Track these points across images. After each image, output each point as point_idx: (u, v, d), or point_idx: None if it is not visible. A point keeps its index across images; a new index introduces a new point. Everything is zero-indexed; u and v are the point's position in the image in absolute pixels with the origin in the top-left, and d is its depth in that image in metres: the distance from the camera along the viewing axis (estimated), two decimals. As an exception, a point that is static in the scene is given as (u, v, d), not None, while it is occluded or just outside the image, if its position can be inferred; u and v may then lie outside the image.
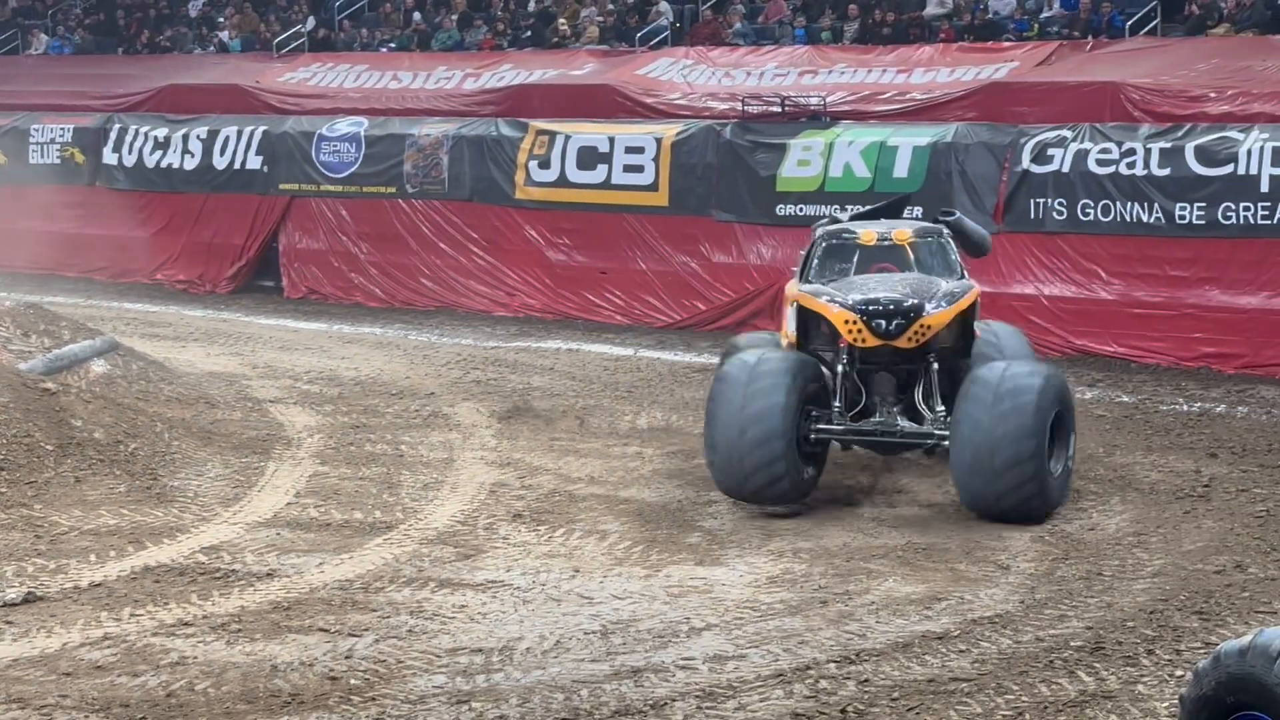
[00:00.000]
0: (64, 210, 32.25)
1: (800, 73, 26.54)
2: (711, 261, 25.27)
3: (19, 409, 16.72)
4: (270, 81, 31.33)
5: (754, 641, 11.60)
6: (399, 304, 28.00)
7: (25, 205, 32.59)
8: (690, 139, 25.54)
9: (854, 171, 24.07)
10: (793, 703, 10.33)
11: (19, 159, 32.93)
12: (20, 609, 12.48)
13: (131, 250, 31.03)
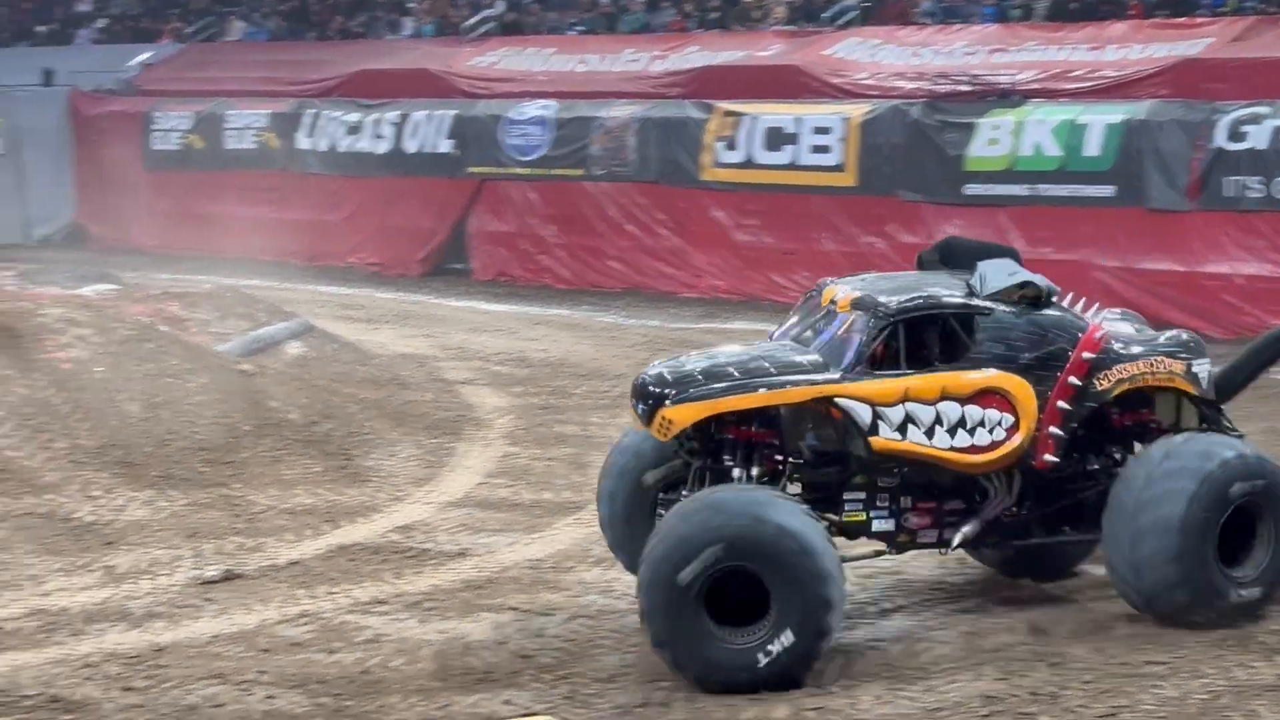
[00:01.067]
0: (259, 195, 32.77)
1: (990, 51, 26.26)
2: (898, 242, 25.08)
3: (218, 390, 17.06)
4: (460, 66, 31.59)
5: (943, 623, 11.55)
6: (586, 286, 28.13)
7: (221, 190, 33.19)
8: (878, 119, 25.38)
9: (1044, 150, 23.79)
10: (983, 684, 10.27)
11: (215, 144, 33.51)
12: (220, 586, 12.75)
13: (324, 234, 31.45)
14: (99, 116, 35.58)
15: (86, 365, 16.75)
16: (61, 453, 15.60)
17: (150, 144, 34.51)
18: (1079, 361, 11.30)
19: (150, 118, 34.57)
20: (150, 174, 34.54)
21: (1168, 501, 10.81)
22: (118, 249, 33.99)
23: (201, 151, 33.72)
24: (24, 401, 16.07)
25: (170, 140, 34.20)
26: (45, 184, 36.11)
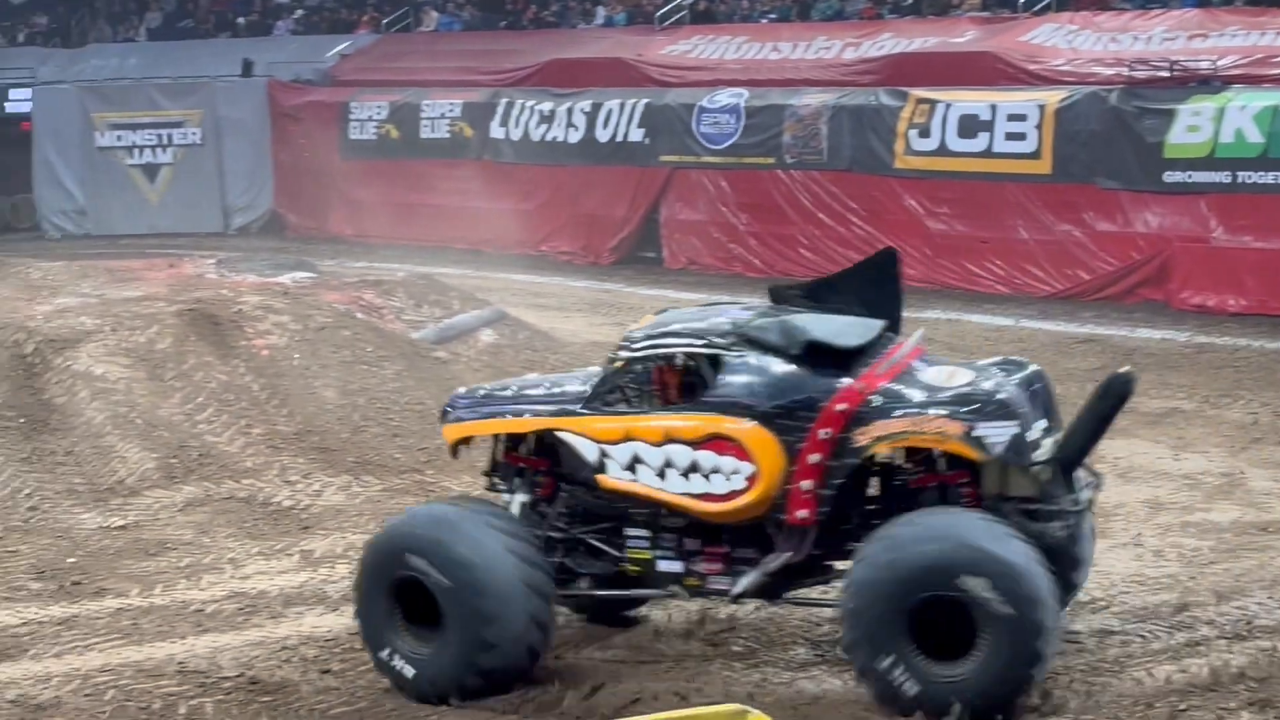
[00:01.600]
0: (453, 184, 33.07)
1: (1189, 36, 25.81)
2: (1095, 230, 24.76)
3: (412, 377, 17.25)
4: (652, 54, 31.66)
5: (1140, 616, 11.38)
6: (777, 274, 28.00)
7: (416, 179, 33.54)
8: (1074, 106, 25.02)
9: (1246, 137, 23.31)
10: (1185, 677, 10.11)
11: (410, 134, 33.87)
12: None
13: (517, 222, 31.64)
14: (297, 107, 36.12)
15: (284, 352, 17.01)
16: (260, 438, 15.86)
17: (347, 134, 34.97)
18: (830, 414, 10.12)
19: (347, 108, 35.03)
20: (346, 163, 34.99)
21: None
22: (314, 237, 34.53)
23: (397, 141, 34.11)
24: (224, 388, 16.36)
25: (366, 130, 34.63)
26: (244, 174, 36.76)
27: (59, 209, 37.35)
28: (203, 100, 36.78)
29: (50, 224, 37.22)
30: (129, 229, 36.19)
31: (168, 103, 36.93)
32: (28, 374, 16.25)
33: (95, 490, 14.98)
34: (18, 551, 13.80)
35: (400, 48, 37.28)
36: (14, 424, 15.68)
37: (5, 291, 20.77)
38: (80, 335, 16.74)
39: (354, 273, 24.65)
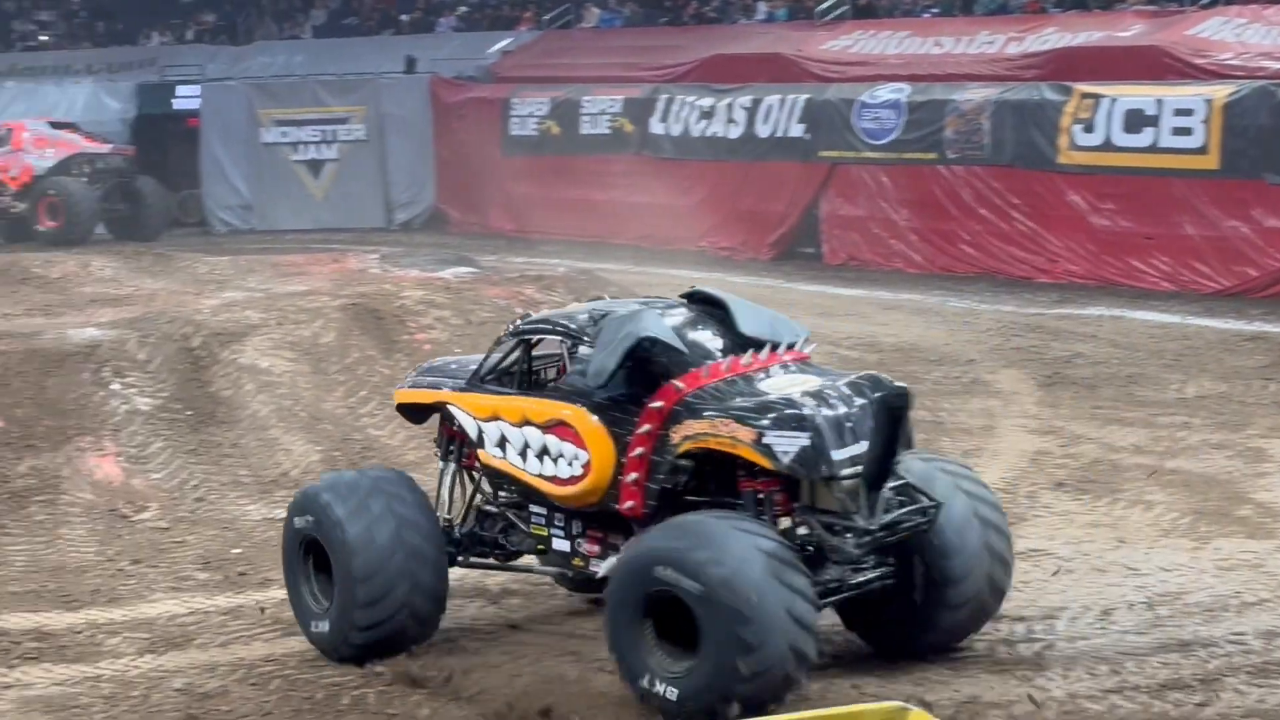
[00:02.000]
0: (613, 179, 33.16)
1: (1362, 28, 25.37)
2: (1263, 226, 24.34)
3: (572, 371, 17.29)
4: (813, 49, 31.56)
5: (1311, 617, 11.20)
6: (938, 270, 27.87)
7: (576, 175, 33.69)
8: (1243, 100, 24.61)
9: None
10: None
11: (570, 130, 34.02)
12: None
13: (677, 218, 31.67)
14: (459, 103, 36.41)
15: (446, 346, 17.15)
16: (421, 432, 15.98)
17: (508, 130, 35.19)
18: (649, 410, 10.30)
19: (508, 104, 35.25)
20: (508, 159, 35.21)
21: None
22: (476, 233, 34.78)
23: (557, 137, 34.27)
24: (387, 381, 16.51)
25: (528, 126, 34.83)
26: (407, 170, 37.11)
27: (225, 204, 37.94)
28: (366, 97, 37.18)
29: (217, 219, 37.81)
30: (293, 224, 36.69)
31: (332, 99, 37.37)
32: (195, 367, 16.51)
33: (260, 482, 15.20)
34: (185, 542, 14.04)
35: (561, 44, 37.46)
36: (181, 416, 15.94)
37: (173, 286, 21.13)
38: (246, 329, 16.98)
39: (514, 268, 24.75)
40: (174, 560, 13.62)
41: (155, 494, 14.98)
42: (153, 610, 12.41)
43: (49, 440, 15.47)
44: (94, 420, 15.77)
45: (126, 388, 16.11)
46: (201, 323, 17.07)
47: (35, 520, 14.48)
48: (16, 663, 11.39)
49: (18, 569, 13.60)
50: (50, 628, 12.10)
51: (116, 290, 20.84)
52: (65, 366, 16.29)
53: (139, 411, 15.88)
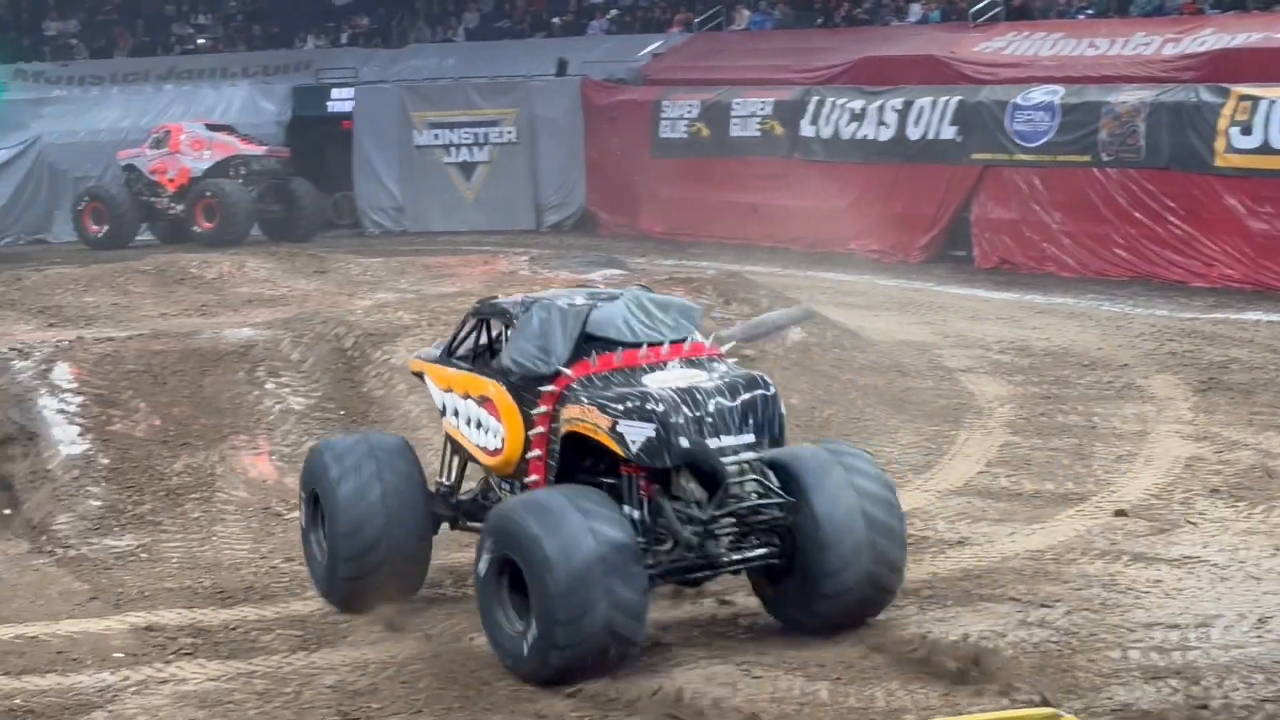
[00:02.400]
0: (762, 182, 33.09)
1: None
2: None
3: (720, 374, 17.28)
4: (965, 51, 31.31)
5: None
6: (1091, 274, 27.55)
7: (725, 177, 33.66)
8: (1406, 101, 24.20)
9: None
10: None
11: (720, 132, 33.98)
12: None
13: (826, 220, 31.55)
14: (609, 105, 36.50)
15: (595, 347, 17.17)
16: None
17: (658, 132, 35.22)
18: (545, 394, 11.33)
19: (658, 106, 35.29)
20: (657, 162, 35.25)
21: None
22: (625, 235, 34.86)
23: (707, 139, 34.26)
24: (536, 382, 16.56)
25: (678, 128, 34.85)
26: (557, 172, 37.28)
27: (378, 206, 38.32)
28: (518, 99, 37.39)
29: (369, 220, 38.20)
30: (444, 226, 36.98)
31: (484, 102, 37.63)
32: (348, 367, 16.68)
33: (411, 481, 15.29)
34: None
35: (712, 46, 37.44)
36: (334, 416, 16.12)
37: (327, 287, 21.37)
38: (398, 330, 17.13)
39: (663, 270, 24.79)
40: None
41: (308, 492, 15.13)
42: (305, 608, 12.55)
43: (204, 439, 15.70)
44: (248, 419, 15.99)
45: (280, 387, 16.32)
46: (354, 323, 17.24)
47: (191, 518, 14.71)
48: (172, 658, 11.56)
49: (174, 565, 13.82)
50: (205, 624, 12.28)
51: (271, 291, 21.11)
52: (221, 366, 16.53)
53: (292, 411, 16.07)
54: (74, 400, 15.76)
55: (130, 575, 13.61)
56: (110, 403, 15.81)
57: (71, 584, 13.48)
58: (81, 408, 15.69)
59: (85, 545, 14.25)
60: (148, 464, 15.23)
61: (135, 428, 15.59)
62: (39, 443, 15.36)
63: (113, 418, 15.68)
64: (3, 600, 13.14)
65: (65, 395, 15.80)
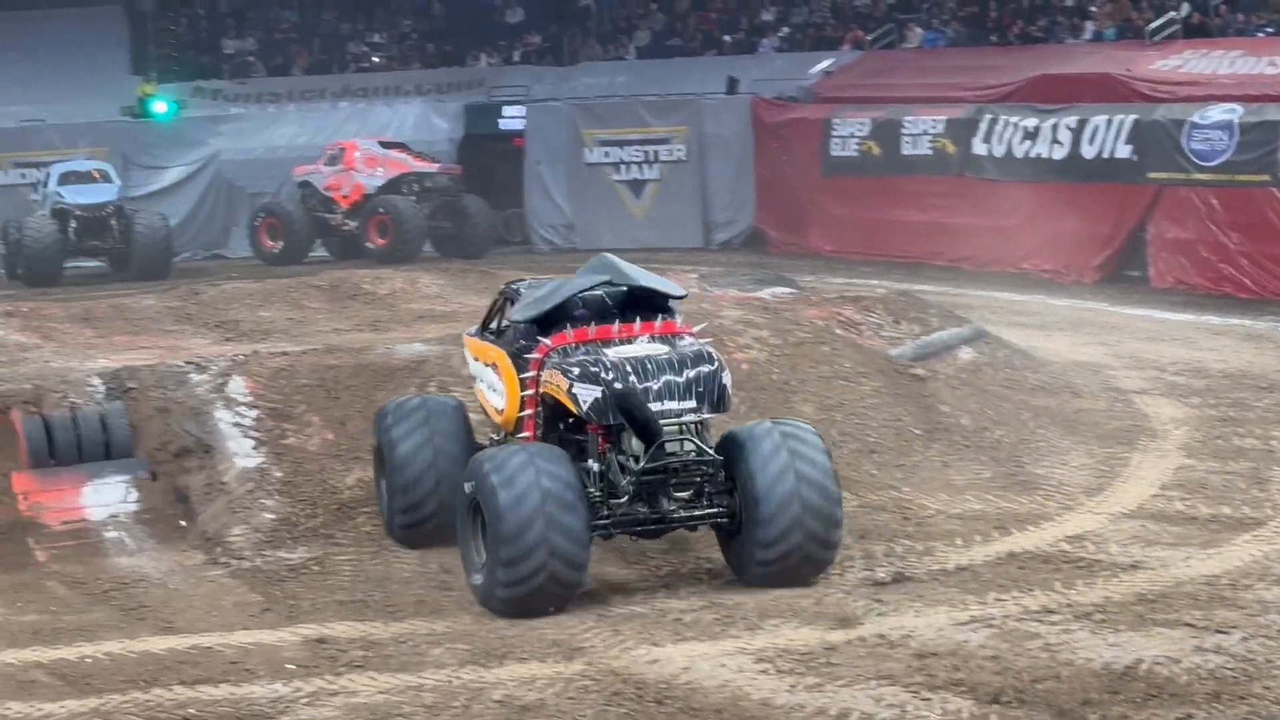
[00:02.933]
0: (933, 200, 32.89)
1: None
2: None
3: (889, 393, 17.23)
4: (1141, 69, 30.90)
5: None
6: (1270, 295, 27.06)
7: (896, 196, 33.48)
8: None
9: None
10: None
11: (891, 150, 33.81)
12: (889, 588, 12.86)
13: (998, 239, 31.29)
14: (779, 124, 36.44)
15: (764, 366, 17.18)
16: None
17: (829, 150, 35.11)
18: (532, 360, 13.42)
19: (829, 124, 35.17)
20: (827, 180, 35.15)
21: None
22: (794, 253, 34.80)
23: (878, 158, 34.10)
24: (705, 399, 16.55)
25: (848, 146, 34.71)
26: (726, 190, 37.30)
27: (548, 223, 38.55)
28: (688, 117, 37.47)
29: (539, 237, 38.44)
30: (614, 243, 36.90)
31: (654, 120, 37.74)
32: (518, 383, 16.73)
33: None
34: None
35: (883, 64, 37.28)
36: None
37: (497, 303, 21.48)
38: (568, 346, 17.16)
39: (833, 288, 24.76)
40: (494, 573, 13.83)
41: (477, 507, 15.23)
42: (473, 622, 12.61)
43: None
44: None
45: (451, 402, 16.41)
46: (524, 339, 17.30)
47: (362, 531, 14.84)
48: (343, 670, 11.67)
49: (345, 578, 13.96)
50: (376, 637, 12.38)
51: (443, 307, 21.30)
52: (393, 381, 16.68)
53: (463, 426, 16.15)
54: (249, 414, 15.99)
55: (302, 588, 13.77)
56: (284, 416, 16.01)
57: (245, 595, 13.67)
58: (256, 421, 15.91)
59: (259, 557, 14.43)
60: (320, 478, 15.40)
61: (308, 441, 15.77)
62: (215, 455, 15.60)
63: (287, 431, 15.88)
64: (178, 611, 13.35)
65: (241, 409, 16.03)
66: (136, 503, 15.38)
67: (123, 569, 14.47)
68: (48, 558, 14.71)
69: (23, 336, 19.67)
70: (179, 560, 14.61)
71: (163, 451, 15.75)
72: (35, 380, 16.34)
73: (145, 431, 15.88)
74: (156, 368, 16.60)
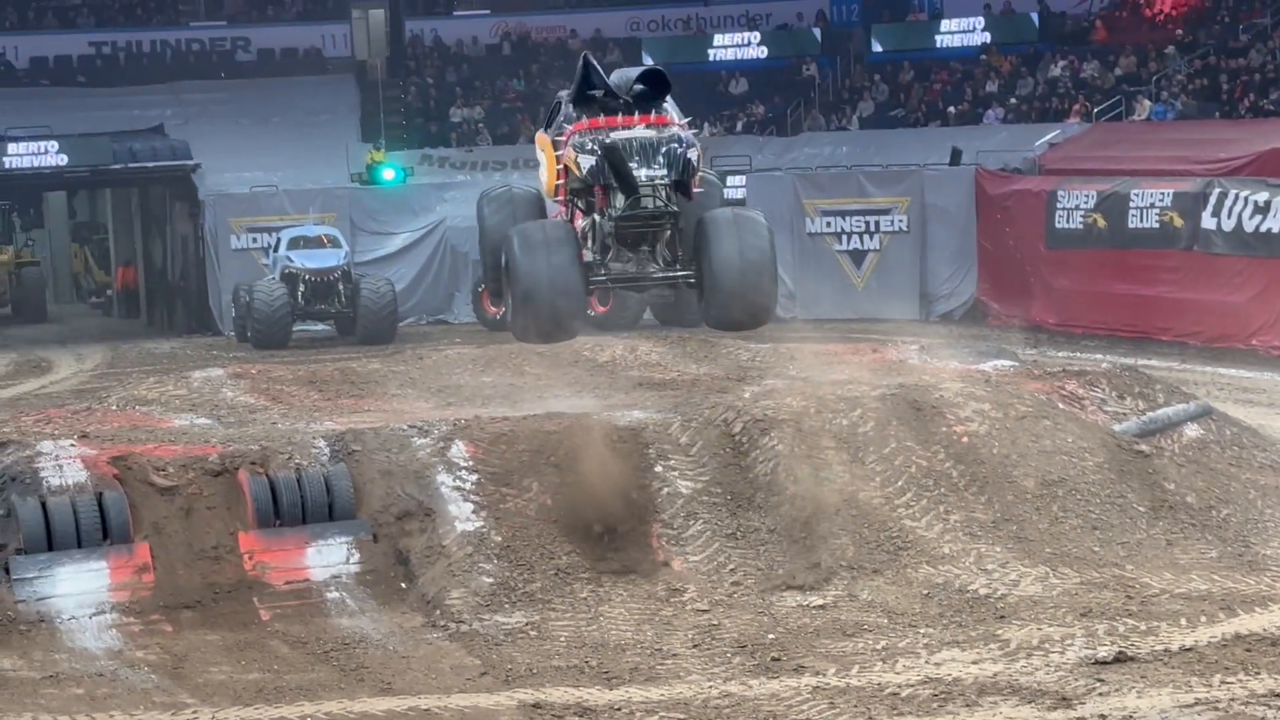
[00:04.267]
0: (1160, 274, 32.39)
1: None
2: None
3: (1113, 470, 16.94)
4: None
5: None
6: None
7: (1122, 269, 33.02)
8: None
9: None
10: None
11: (1117, 223, 33.34)
12: (1111, 667, 12.64)
13: (1226, 315, 30.74)
14: (1003, 195, 36.17)
15: (984, 440, 16.98)
16: (957, 525, 15.87)
17: (1053, 222, 34.73)
18: (559, 141, 17.48)
19: (1054, 196, 34.81)
20: (1051, 252, 34.77)
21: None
22: (1015, 326, 34.44)
23: (1103, 230, 33.66)
24: (924, 473, 16.44)
25: (1073, 219, 34.30)
26: (947, 261, 37.09)
27: (769, 293, 38.50)
28: (910, 188, 37.35)
29: (763, 308, 38.39)
30: (833, 314, 37.05)
31: (876, 190, 37.69)
32: (735, 452, 16.73)
33: (795, 568, 15.28)
34: (721, 625, 14.24)
35: (1110, 136, 36.88)
36: (720, 500, 16.18)
37: (716, 371, 21.52)
38: (785, 416, 17.14)
39: (1055, 362, 24.42)
40: (712, 641, 13.82)
41: (694, 575, 15.25)
42: (688, 691, 12.61)
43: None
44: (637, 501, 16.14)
45: (668, 470, 16.46)
46: (742, 408, 17.32)
47: (579, 597, 14.91)
48: (558, 735, 11.71)
49: (561, 643, 14.02)
50: (591, 703, 12.42)
51: (661, 374, 21.35)
52: (613, 447, 16.73)
53: (680, 494, 16.19)
54: (469, 478, 16.14)
55: (519, 652, 13.86)
56: (504, 481, 16.14)
57: (463, 659, 13.78)
58: (476, 485, 16.05)
59: (477, 621, 14.55)
60: (538, 542, 15.50)
61: (527, 506, 15.88)
62: (435, 518, 15.76)
63: (506, 496, 16.00)
64: (397, 673, 13.49)
65: (461, 472, 16.19)
66: (358, 564, 15.60)
67: (344, 629, 14.67)
68: (271, 617, 14.96)
69: (251, 398, 20.04)
70: (399, 622, 14.78)
71: (385, 514, 15.95)
72: (262, 441, 16.63)
73: (368, 493, 16.10)
74: (380, 431, 16.82)
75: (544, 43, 48.58)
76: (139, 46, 47.47)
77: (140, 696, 13.04)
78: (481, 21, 49.47)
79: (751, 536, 15.79)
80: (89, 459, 15.85)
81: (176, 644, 14.32)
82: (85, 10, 49.15)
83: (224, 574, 15.27)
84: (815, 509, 15.85)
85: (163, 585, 15.03)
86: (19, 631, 14.38)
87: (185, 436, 17.19)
